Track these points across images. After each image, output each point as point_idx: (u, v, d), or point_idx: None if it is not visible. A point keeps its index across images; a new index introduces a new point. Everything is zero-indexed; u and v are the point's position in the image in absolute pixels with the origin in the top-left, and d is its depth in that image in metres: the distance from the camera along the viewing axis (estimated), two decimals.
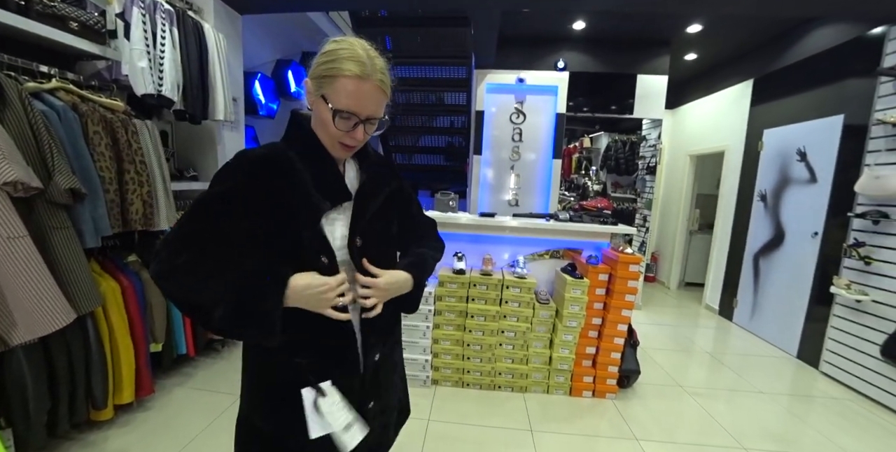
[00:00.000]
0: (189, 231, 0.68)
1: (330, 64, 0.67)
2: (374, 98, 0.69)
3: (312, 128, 0.75)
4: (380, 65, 0.69)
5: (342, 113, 0.68)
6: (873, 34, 2.52)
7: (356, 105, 0.68)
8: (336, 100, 0.67)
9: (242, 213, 0.68)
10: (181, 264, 0.66)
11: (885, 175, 2.27)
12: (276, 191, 0.69)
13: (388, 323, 0.85)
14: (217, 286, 0.66)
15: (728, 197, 3.90)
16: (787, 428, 2.07)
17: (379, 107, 0.71)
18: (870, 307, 2.38)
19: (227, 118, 2.36)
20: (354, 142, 0.73)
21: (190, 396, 2.02)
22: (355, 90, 0.67)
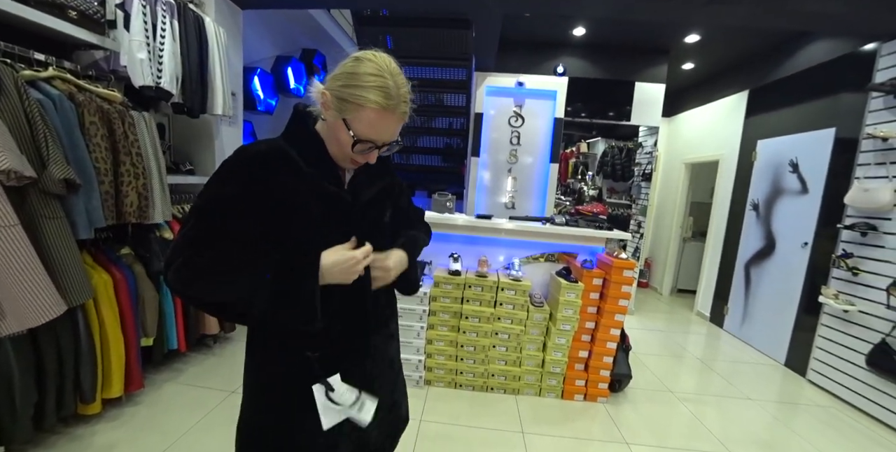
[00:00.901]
0: (200, 234, 0.67)
1: (355, 90, 0.65)
2: (395, 127, 0.71)
3: (317, 130, 0.74)
4: (405, 93, 0.69)
5: (362, 141, 0.68)
6: (865, 50, 2.58)
7: (377, 135, 0.69)
8: (358, 129, 0.67)
9: (248, 211, 0.67)
10: (202, 267, 0.64)
11: (874, 188, 2.32)
12: (276, 189, 0.69)
13: (383, 309, 0.86)
14: (248, 279, 0.65)
15: (721, 205, 3.96)
16: (773, 435, 2.10)
17: (396, 133, 0.72)
18: (857, 317, 2.42)
19: (225, 112, 2.34)
20: (366, 161, 0.74)
21: (180, 392, 1.99)
22: (379, 122, 0.67)
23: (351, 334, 0.78)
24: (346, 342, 0.77)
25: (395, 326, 0.92)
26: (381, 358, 0.85)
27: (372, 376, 0.82)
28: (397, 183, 0.91)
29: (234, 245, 0.67)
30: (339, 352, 0.76)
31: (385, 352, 0.86)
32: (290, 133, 0.75)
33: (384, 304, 0.86)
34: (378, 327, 0.84)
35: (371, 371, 0.81)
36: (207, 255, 0.65)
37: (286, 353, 0.74)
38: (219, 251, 0.66)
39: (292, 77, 3.93)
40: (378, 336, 0.83)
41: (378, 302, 0.82)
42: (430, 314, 2.25)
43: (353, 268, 0.69)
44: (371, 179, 0.81)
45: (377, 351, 0.83)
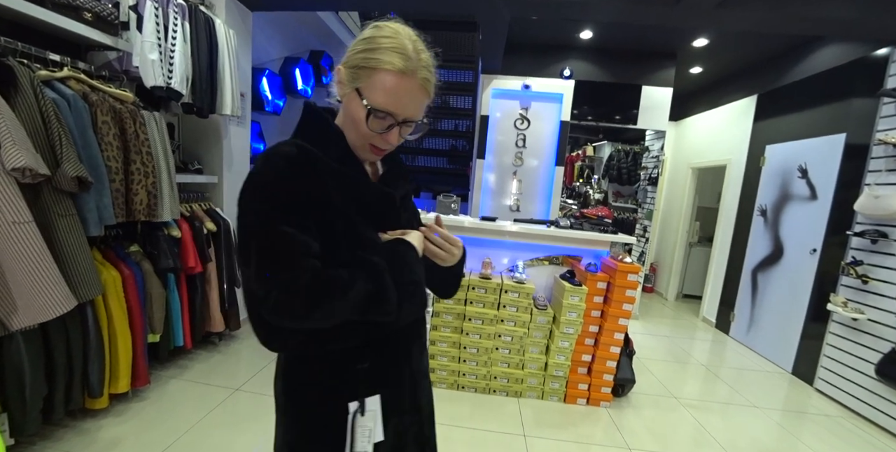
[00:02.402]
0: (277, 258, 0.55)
1: (369, 53, 0.59)
2: (415, 97, 0.61)
3: (336, 124, 0.66)
4: (426, 60, 0.61)
5: (378, 112, 0.60)
6: (877, 55, 2.55)
7: (394, 104, 0.60)
8: (372, 96, 0.59)
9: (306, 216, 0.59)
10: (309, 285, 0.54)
11: (885, 195, 2.29)
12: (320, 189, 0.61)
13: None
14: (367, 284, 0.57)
15: (728, 210, 3.92)
16: (778, 444, 2.07)
17: (419, 108, 0.63)
18: (866, 326, 2.38)
19: (234, 113, 2.37)
20: (386, 145, 0.64)
21: (185, 388, 2.02)
22: (395, 87, 0.59)
23: (396, 339, 0.71)
24: (392, 348, 0.70)
25: (426, 335, 0.85)
26: (420, 370, 0.77)
27: (414, 389, 0.74)
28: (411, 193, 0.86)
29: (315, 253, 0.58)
30: (387, 361, 0.69)
31: (420, 363, 0.78)
32: (305, 132, 0.66)
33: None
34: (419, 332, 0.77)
35: (413, 382, 0.74)
36: (310, 275, 0.54)
37: (332, 368, 0.65)
38: (311, 265, 0.56)
39: (300, 78, 3.98)
40: (415, 346, 0.75)
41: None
42: (433, 315, 2.25)
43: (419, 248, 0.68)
44: (397, 183, 0.75)
45: (415, 361, 0.75)
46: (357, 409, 0.64)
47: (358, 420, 0.64)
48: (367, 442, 0.65)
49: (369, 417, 0.65)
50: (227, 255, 2.42)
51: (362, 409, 0.65)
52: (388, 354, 0.70)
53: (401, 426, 0.71)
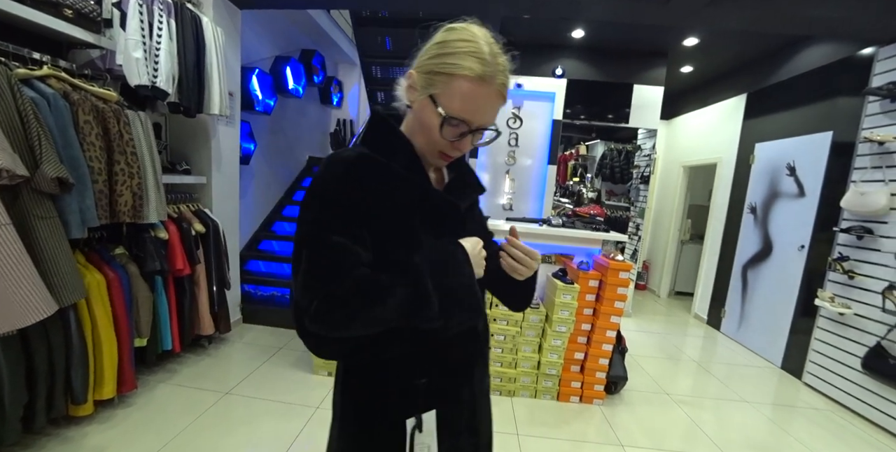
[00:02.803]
0: (324, 265, 0.55)
1: (446, 58, 0.56)
2: (492, 104, 0.59)
3: (403, 131, 0.65)
4: (503, 63, 0.59)
5: (453, 120, 0.58)
6: (863, 54, 2.59)
7: (471, 112, 0.58)
8: (448, 104, 0.57)
9: (360, 225, 0.58)
10: (348, 297, 0.53)
11: (870, 192, 2.33)
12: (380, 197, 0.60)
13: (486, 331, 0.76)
14: (407, 290, 0.55)
15: (719, 208, 3.96)
16: (769, 438, 2.09)
17: (494, 114, 0.61)
18: (852, 320, 2.42)
19: (222, 112, 2.34)
20: (457, 153, 0.63)
21: (174, 393, 1.98)
22: (473, 94, 0.57)
23: (461, 354, 0.68)
24: (452, 365, 0.67)
25: (489, 355, 0.81)
26: (481, 391, 0.74)
27: (473, 410, 0.71)
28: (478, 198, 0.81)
29: (365, 263, 0.57)
30: (446, 378, 0.67)
31: (483, 383, 0.75)
32: (370, 139, 0.65)
33: (482, 328, 0.74)
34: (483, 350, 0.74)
35: (473, 403, 0.71)
36: (349, 284, 0.54)
37: (393, 382, 0.64)
38: (356, 274, 0.55)
39: (291, 77, 3.93)
40: (478, 365, 0.72)
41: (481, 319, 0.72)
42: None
43: (480, 255, 0.63)
44: (464, 191, 0.72)
45: (477, 381, 0.72)
46: (415, 426, 0.63)
47: (416, 436, 0.63)
48: None
49: (427, 434, 0.64)
50: (215, 257, 2.39)
51: (420, 425, 0.63)
52: (447, 371, 0.67)
53: (456, 449, 0.68)
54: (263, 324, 2.97)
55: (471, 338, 0.70)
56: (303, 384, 2.20)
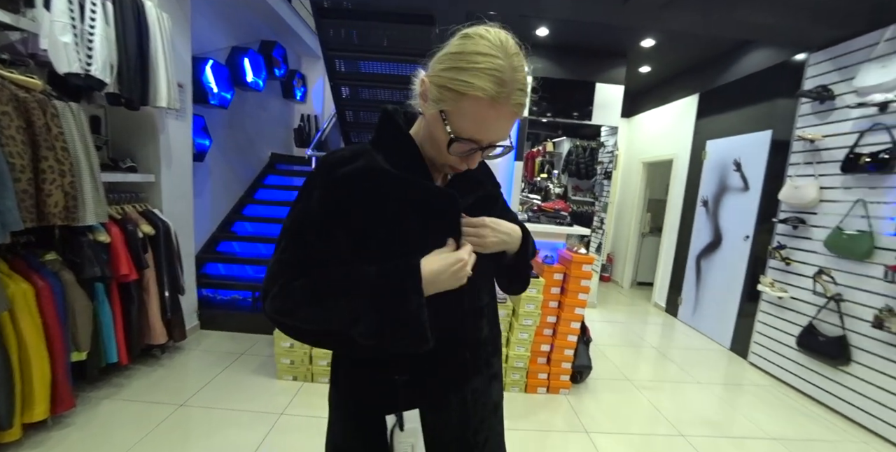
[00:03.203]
0: (293, 256, 0.60)
1: (459, 74, 0.53)
2: (504, 124, 0.57)
3: (412, 134, 0.64)
4: (521, 80, 0.55)
5: (461, 140, 0.56)
6: (797, 60, 2.81)
7: (481, 132, 0.56)
8: (458, 123, 0.55)
9: (339, 225, 0.60)
10: (300, 292, 0.58)
11: (803, 185, 2.54)
12: (365, 197, 0.60)
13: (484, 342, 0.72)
14: (347, 304, 0.56)
15: (675, 202, 4.18)
16: (719, 415, 2.25)
17: (506, 132, 0.58)
18: (789, 303, 2.64)
19: (170, 105, 2.19)
20: (465, 167, 0.62)
21: (121, 409, 1.84)
22: (484, 116, 0.54)
23: (449, 357, 0.66)
24: (438, 366, 0.66)
25: (499, 366, 0.78)
26: (483, 402, 0.71)
27: (466, 419, 0.68)
28: (495, 194, 0.78)
29: (333, 264, 0.59)
30: (430, 379, 0.65)
31: (487, 397, 0.72)
32: (377, 137, 0.66)
33: (487, 336, 0.72)
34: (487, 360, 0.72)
35: (465, 411, 0.68)
36: (303, 280, 0.58)
37: (373, 376, 0.65)
38: (315, 274, 0.58)
39: (250, 69, 3.74)
40: (480, 376, 0.70)
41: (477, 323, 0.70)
42: None
43: (462, 272, 0.60)
44: (468, 186, 0.70)
45: (478, 394, 0.70)
46: (395, 423, 0.62)
47: (398, 434, 0.62)
48: None
49: (410, 433, 0.63)
50: (167, 260, 2.24)
51: (401, 423, 0.62)
52: (430, 372, 0.65)
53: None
54: (223, 330, 2.83)
55: (464, 344, 0.68)
56: (266, 390, 2.12)
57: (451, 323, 0.65)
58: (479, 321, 0.71)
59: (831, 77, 2.50)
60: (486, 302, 0.73)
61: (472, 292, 0.67)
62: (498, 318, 0.79)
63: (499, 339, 0.78)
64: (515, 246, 0.71)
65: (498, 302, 2.25)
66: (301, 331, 0.61)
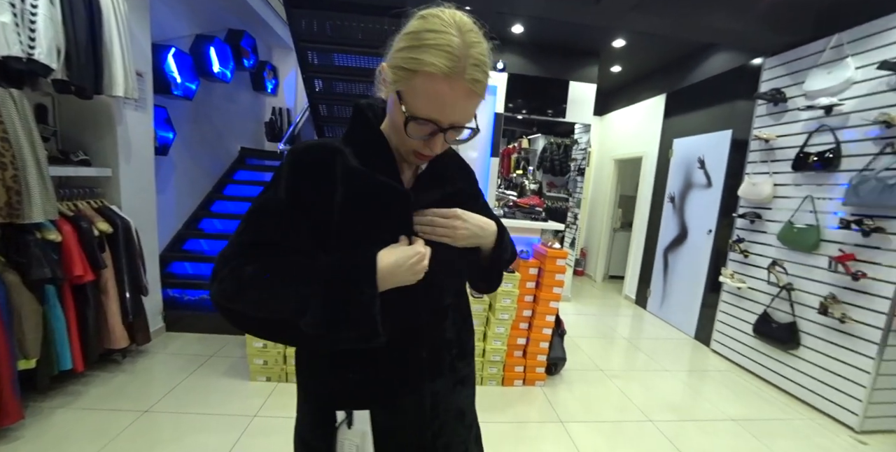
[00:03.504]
0: (247, 241, 0.59)
1: (411, 52, 0.53)
2: (462, 103, 0.55)
3: (381, 128, 0.64)
4: (476, 56, 0.53)
5: (418, 119, 0.55)
6: (754, 64, 2.97)
7: (437, 111, 0.54)
8: (413, 103, 0.54)
9: (299, 215, 0.59)
10: (249, 277, 0.56)
11: (759, 182, 2.70)
12: (326, 189, 0.60)
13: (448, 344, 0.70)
14: (298, 291, 0.55)
15: (644, 198, 4.35)
16: (684, 400, 2.37)
17: (467, 112, 0.57)
18: (747, 293, 2.81)
19: (129, 94, 2.06)
20: (430, 152, 0.60)
21: (77, 418, 1.73)
22: (437, 92, 0.53)
23: (396, 355, 0.64)
24: (393, 367, 0.64)
25: (469, 371, 0.75)
26: (445, 407, 0.68)
27: (424, 424, 0.66)
28: (472, 193, 0.76)
29: (288, 253, 0.58)
30: (384, 380, 0.64)
31: (450, 401, 0.69)
32: (348, 132, 0.66)
33: (452, 338, 0.70)
34: (437, 363, 0.68)
35: (423, 416, 0.66)
36: (256, 264, 0.57)
37: (329, 370, 0.65)
38: (269, 259, 0.57)
39: (216, 59, 3.58)
40: (442, 379, 0.68)
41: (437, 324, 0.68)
42: None
43: (419, 266, 0.59)
44: (436, 182, 0.68)
45: (439, 398, 0.68)
46: (344, 420, 0.61)
47: (343, 431, 0.61)
48: None
49: (357, 434, 0.61)
50: (128, 260, 2.12)
51: (349, 421, 0.61)
52: (385, 370, 0.63)
53: None
54: (191, 332, 2.71)
55: (422, 345, 0.66)
56: (238, 392, 2.05)
57: (407, 321, 0.64)
58: (441, 321, 0.68)
59: (784, 81, 2.66)
60: (452, 303, 0.71)
61: (433, 290, 0.66)
62: (470, 321, 0.77)
63: (469, 342, 0.75)
64: (489, 241, 0.69)
65: (475, 296, 2.28)
66: (245, 318, 0.59)
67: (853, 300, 2.14)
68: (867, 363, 2.06)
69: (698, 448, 1.88)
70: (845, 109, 2.25)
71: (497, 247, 0.71)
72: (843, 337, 2.18)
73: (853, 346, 2.13)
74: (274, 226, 0.59)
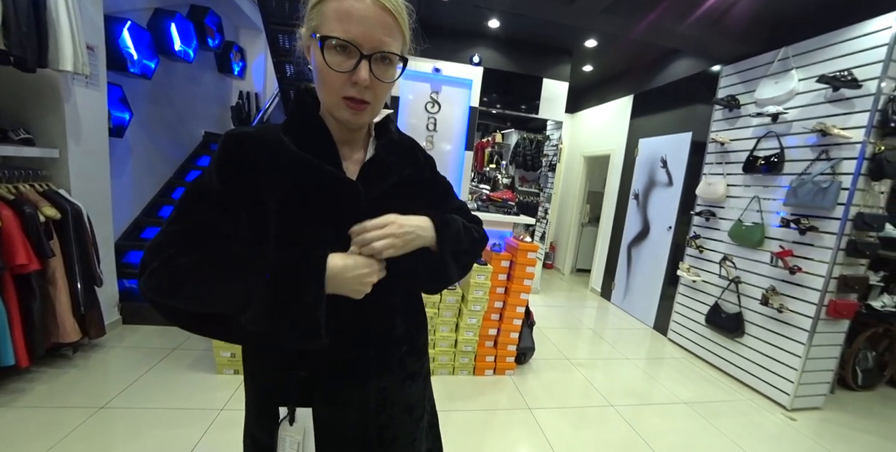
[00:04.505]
0: (181, 229, 0.55)
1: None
2: (375, 20, 0.53)
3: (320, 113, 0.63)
4: None
5: (331, 40, 0.52)
6: (712, 71, 3.15)
7: (351, 30, 0.52)
8: (325, 26, 0.53)
9: (234, 204, 0.56)
10: (183, 269, 0.53)
11: (714, 182, 2.89)
12: (262, 177, 0.57)
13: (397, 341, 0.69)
14: (239, 283, 0.53)
15: (611, 194, 4.54)
16: (643, 385, 2.53)
17: (387, 34, 0.54)
18: (701, 286, 3.02)
19: (78, 70, 1.90)
20: (360, 89, 0.55)
21: (21, 417, 1.62)
22: (347, 9, 0.52)
23: (342, 353, 0.63)
24: (340, 365, 0.64)
25: (419, 366, 0.74)
26: (391, 401, 0.68)
27: (378, 423, 0.67)
28: (429, 178, 0.73)
29: (224, 244, 0.55)
30: (330, 377, 0.63)
31: (398, 396, 0.69)
32: (288, 119, 0.64)
33: (401, 335, 0.69)
34: (385, 360, 0.67)
35: (368, 412, 0.66)
36: (191, 256, 0.53)
37: (273, 367, 0.63)
38: (205, 250, 0.54)
39: (178, 37, 3.36)
40: (390, 375, 0.68)
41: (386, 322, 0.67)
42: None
43: (367, 278, 0.57)
44: (387, 168, 0.65)
45: (387, 393, 0.67)
46: (286, 416, 0.61)
47: (285, 427, 0.61)
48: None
49: (298, 430, 0.61)
50: (79, 248, 1.98)
51: (291, 418, 0.60)
52: (330, 368, 0.63)
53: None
54: (150, 324, 2.58)
55: (367, 343, 0.65)
56: (204, 386, 1.98)
57: (353, 319, 0.63)
58: (388, 319, 0.68)
59: (738, 88, 2.85)
60: (403, 300, 0.70)
61: (379, 291, 0.62)
62: (423, 317, 0.76)
63: (419, 339, 0.74)
64: (429, 239, 0.64)
65: (449, 289, 2.32)
66: (179, 313, 0.56)
67: (790, 292, 2.36)
68: (799, 348, 2.28)
69: (654, 430, 2.02)
70: (789, 118, 2.45)
71: (440, 243, 0.66)
72: (780, 325, 2.40)
73: (788, 333, 2.35)
74: (209, 211, 0.56)
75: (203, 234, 0.56)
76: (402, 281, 0.68)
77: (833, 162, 2.16)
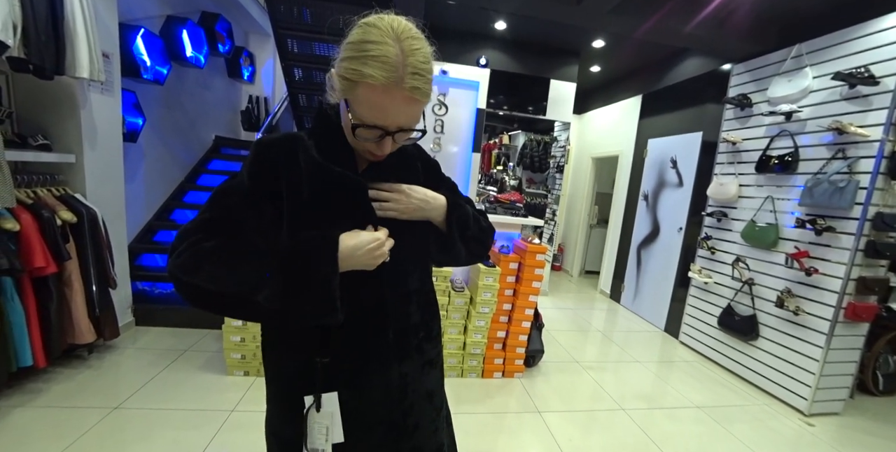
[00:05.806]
0: (210, 217, 0.62)
1: (353, 63, 0.56)
2: (404, 109, 0.58)
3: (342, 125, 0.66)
4: (415, 64, 0.56)
5: (364, 126, 0.59)
6: (723, 69, 3.11)
7: (381, 118, 0.58)
8: (358, 111, 0.58)
9: (261, 201, 0.63)
10: (208, 251, 0.58)
11: (726, 182, 2.85)
12: (286, 178, 0.64)
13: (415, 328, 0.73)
14: (257, 264, 0.58)
15: (620, 195, 4.49)
16: (654, 389, 2.49)
17: (411, 116, 0.61)
18: (714, 288, 2.97)
19: (94, 76, 1.95)
20: (381, 153, 0.64)
21: (38, 417, 1.65)
22: (379, 102, 0.57)
23: (363, 339, 0.67)
24: (362, 350, 0.67)
25: (436, 353, 0.79)
26: (413, 388, 0.72)
27: (401, 408, 0.70)
28: (432, 177, 0.79)
29: (248, 230, 0.62)
30: (353, 362, 0.67)
31: (419, 382, 0.73)
32: (313, 127, 0.70)
33: (417, 322, 0.74)
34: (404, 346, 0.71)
35: (390, 394, 0.69)
36: (215, 240, 0.59)
37: (295, 358, 0.67)
38: (229, 235, 0.60)
39: (189, 43, 3.42)
40: (410, 361, 0.72)
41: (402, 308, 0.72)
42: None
43: (378, 251, 0.62)
44: (391, 170, 0.71)
45: (408, 379, 0.71)
46: (312, 404, 0.64)
47: (313, 415, 0.64)
48: (325, 441, 0.65)
49: (326, 415, 0.64)
50: (94, 251, 2.02)
51: (318, 405, 0.64)
52: (351, 353, 0.67)
53: (367, 438, 0.68)
54: (163, 326, 2.62)
55: (387, 328, 0.69)
56: (214, 387, 2.01)
57: (372, 305, 0.68)
58: (405, 306, 0.72)
59: (749, 87, 2.81)
60: (417, 288, 0.74)
61: (396, 275, 0.70)
62: (435, 306, 0.80)
63: (434, 326, 0.79)
64: (438, 213, 0.72)
65: (456, 290, 2.31)
66: (201, 292, 0.59)
67: (806, 294, 2.31)
68: (816, 352, 2.23)
69: (666, 434, 1.99)
70: (803, 116, 2.40)
71: (448, 219, 0.72)
72: (797, 328, 2.35)
73: (805, 336, 2.30)
74: (236, 205, 0.62)
75: (229, 223, 0.61)
76: (415, 263, 0.74)
77: (850, 160, 2.11)
